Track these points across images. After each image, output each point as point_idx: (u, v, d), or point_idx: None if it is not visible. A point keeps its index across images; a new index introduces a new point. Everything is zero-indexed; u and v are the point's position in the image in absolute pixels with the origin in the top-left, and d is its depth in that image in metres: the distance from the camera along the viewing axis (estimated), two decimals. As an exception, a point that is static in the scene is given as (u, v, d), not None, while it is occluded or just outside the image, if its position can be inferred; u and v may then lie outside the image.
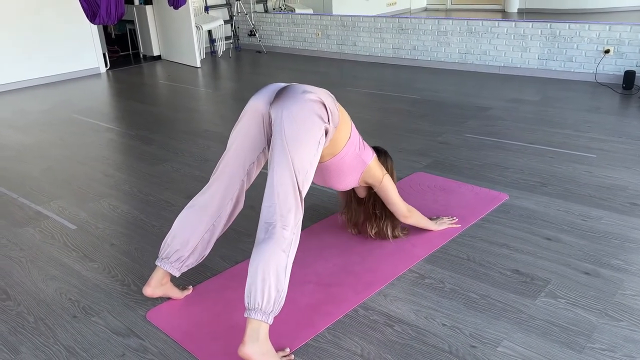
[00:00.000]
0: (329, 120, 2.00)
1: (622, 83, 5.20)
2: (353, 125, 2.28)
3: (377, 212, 2.59)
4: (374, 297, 2.23)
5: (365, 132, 4.07)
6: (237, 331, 2.04)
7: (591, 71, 5.53)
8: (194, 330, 2.07)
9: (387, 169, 2.52)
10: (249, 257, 2.53)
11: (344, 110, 2.20)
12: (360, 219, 2.68)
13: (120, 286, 2.39)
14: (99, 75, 7.21)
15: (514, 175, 3.33)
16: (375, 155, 2.43)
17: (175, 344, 2.01)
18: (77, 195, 3.38)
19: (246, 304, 1.81)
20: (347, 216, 2.71)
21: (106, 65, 7.47)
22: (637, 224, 2.69)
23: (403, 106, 5.01)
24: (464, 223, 2.76)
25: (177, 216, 2.22)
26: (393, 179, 2.53)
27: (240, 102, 5.50)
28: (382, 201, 2.54)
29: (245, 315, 1.80)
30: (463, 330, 2.02)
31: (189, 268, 2.24)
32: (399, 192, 3.12)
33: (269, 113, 2.02)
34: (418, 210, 2.66)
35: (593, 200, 2.96)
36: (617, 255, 2.44)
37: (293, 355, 1.91)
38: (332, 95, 2.10)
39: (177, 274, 2.21)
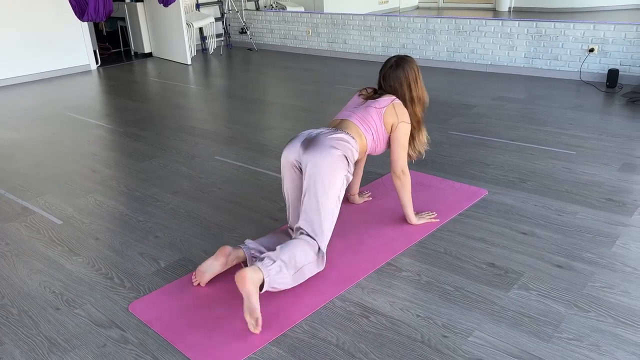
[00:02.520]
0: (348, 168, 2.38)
1: (605, 81, 5.27)
2: (358, 125, 2.52)
3: None
4: (352, 289, 2.29)
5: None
6: (217, 323, 2.09)
7: (576, 69, 5.60)
8: (174, 321, 2.12)
9: (414, 83, 2.62)
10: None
11: (352, 125, 2.52)
12: None
13: (104, 279, 2.44)
14: (89, 72, 7.23)
15: (494, 172, 3.39)
16: (384, 107, 2.55)
17: (155, 334, 2.06)
18: (64, 191, 3.41)
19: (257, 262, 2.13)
20: None
21: (97, 62, 7.49)
22: (610, 219, 2.76)
23: (390, 104, 5.06)
24: (443, 218, 2.82)
25: (166, 212, 2.27)
26: (421, 92, 2.65)
27: (230, 99, 5.54)
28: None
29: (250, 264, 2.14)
30: (436, 320, 2.07)
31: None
32: (383, 187, 3.20)
33: (300, 161, 2.37)
34: (397, 206, 2.71)
35: (570, 196, 3.02)
36: (589, 249, 2.51)
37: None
38: (347, 140, 2.40)
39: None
